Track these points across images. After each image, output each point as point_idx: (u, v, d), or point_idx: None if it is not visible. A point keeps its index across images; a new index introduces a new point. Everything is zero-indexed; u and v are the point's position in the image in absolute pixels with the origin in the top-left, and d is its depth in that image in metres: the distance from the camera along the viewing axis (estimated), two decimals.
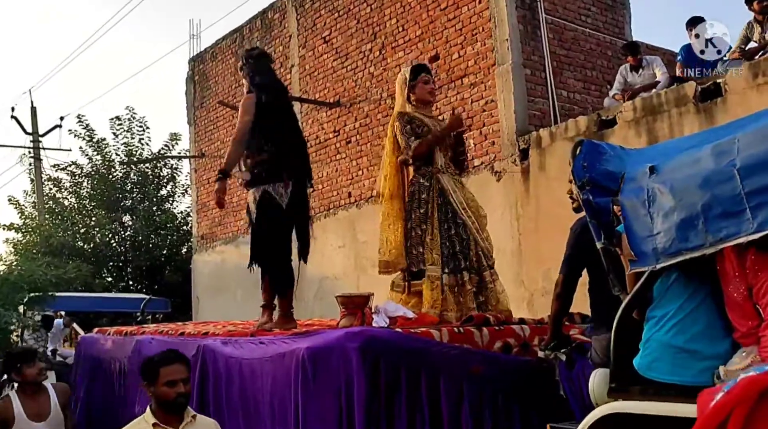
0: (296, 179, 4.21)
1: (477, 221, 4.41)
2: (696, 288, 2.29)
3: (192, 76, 12.82)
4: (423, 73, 4.58)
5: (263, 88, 4.28)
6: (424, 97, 4.52)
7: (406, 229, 4.38)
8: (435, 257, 4.25)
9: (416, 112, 4.50)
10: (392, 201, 4.56)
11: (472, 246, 4.33)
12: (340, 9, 9.73)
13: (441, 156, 4.45)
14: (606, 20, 8.60)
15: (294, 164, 4.23)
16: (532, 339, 3.73)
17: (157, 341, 4.89)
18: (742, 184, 2.09)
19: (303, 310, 9.42)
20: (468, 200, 4.44)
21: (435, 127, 4.49)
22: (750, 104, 5.55)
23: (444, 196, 4.33)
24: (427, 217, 4.31)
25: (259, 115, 4.17)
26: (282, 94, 4.50)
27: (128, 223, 16.60)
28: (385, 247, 4.52)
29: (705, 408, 1.86)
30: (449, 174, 4.44)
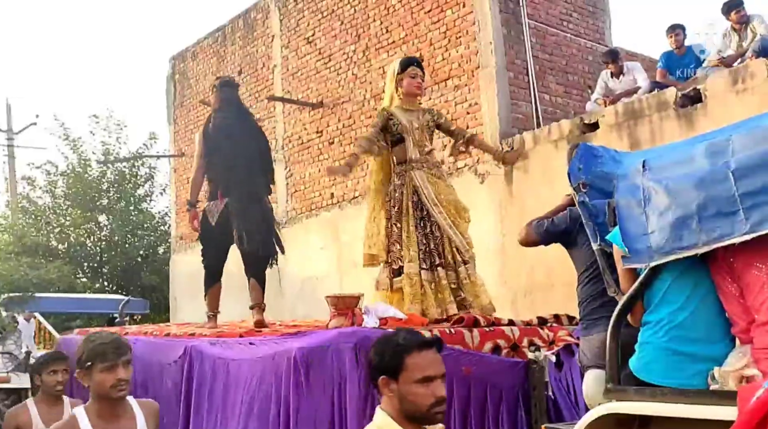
0: (233, 197, 4.79)
1: (452, 216, 4.38)
2: (691, 292, 2.32)
3: (172, 75, 12.70)
4: (412, 66, 4.57)
5: (213, 116, 5.02)
6: (410, 91, 4.53)
7: (387, 226, 4.45)
8: (412, 254, 4.30)
9: (402, 105, 4.53)
10: (376, 195, 4.63)
11: (446, 243, 4.33)
12: (323, 10, 9.72)
13: (415, 152, 4.44)
14: (587, 26, 8.72)
15: (230, 183, 4.82)
16: (521, 340, 3.77)
17: (141, 342, 4.84)
18: (736, 185, 2.13)
19: (284, 311, 9.39)
20: (441, 195, 4.40)
21: (412, 123, 4.49)
22: (730, 110, 5.68)
23: (417, 194, 4.36)
24: (401, 215, 4.36)
25: (205, 144, 4.92)
26: (235, 117, 5.04)
27: (104, 223, 16.39)
28: (369, 240, 4.57)
29: (745, 404, 1.90)
30: (425, 169, 4.43)
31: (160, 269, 14.90)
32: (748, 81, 5.68)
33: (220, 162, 4.87)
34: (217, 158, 4.88)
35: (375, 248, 4.51)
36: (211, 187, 4.97)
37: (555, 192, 6.55)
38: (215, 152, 4.88)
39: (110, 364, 2.42)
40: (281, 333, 3.86)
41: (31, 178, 16.87)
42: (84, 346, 2.50)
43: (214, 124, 4.97)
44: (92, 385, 2.48)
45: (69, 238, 16.00)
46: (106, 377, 2.42)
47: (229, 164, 4.84)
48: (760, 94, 5.57)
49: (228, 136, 4.87)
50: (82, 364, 2.46)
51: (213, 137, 4.92)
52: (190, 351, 4.08)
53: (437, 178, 4.48)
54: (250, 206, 4.86)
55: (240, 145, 4.89)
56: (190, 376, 4.01)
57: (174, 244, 12.62)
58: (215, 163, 4.91)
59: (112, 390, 2.45)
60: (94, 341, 2.50)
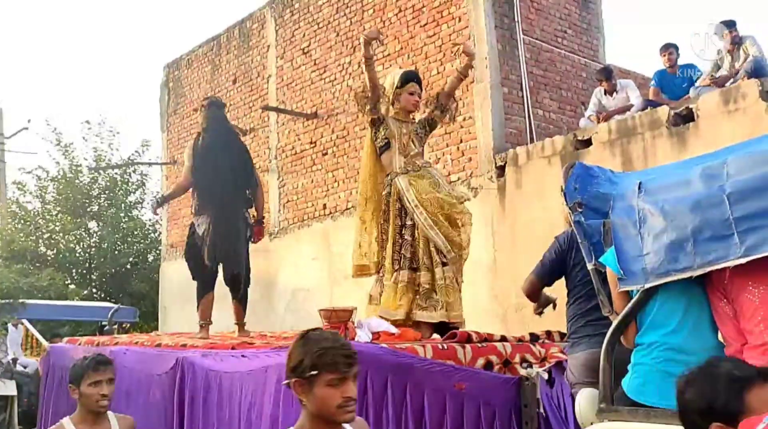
0: (220, 212, 5.01)
1: (433, 216, 4.26)
2: (684, 314, 2.33)
3: (166, 83, 12.69)
4: (412, 82, 4.56)
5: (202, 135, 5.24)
6: (407, 107, 4.53)
7: (379, 238, 4.47)
8: (387, 263, 4.32)
9: (396, 116, 4.53)
10: (367, 205, 4.62)
11: (422, 244, 4.25)
12: (319, 21, 9.76)
13: (400, 159, 4.43)
14: (581, 43, 8.80)
15: (217, 199, 5.03)
16: (513, 356, 3.77)
17: (131, 352, 4.81)
18: (731, 208, 2.16)
19: (275, 322, 9.36)
20: (422, 194, 4.29)
21: (401, 130, 4.47)
22: (721, 130, 5.74)
23: (400, 200, 4.34)
24: (388, 225, 4.37)
25: (195, 159, 5.13)
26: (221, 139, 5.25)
27: (94, 230, 16.29)
28: (359, 250, 4.57)
29: None
30: (409, 173, 4.38)
31: (149, 277, 14.81)
32: (740, 101, 5.74)
33: (206, 181, 5.09)
34: (204, 177, 5.10)
35: (366, 259, 4.51)
36: (199, 203, 5.11)
37: (547, 207, 6.62)
38: (202, 171, 5.10)
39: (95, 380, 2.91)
40: (274, 346, 3.85)
41: (21, 183, 16.78)
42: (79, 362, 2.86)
43: (202, 143, 5.20)
44: (80, 398, 2.96)
45: (58, 244, 15.89)
46: (92, 391, 2.92)
47: (213, 183, 5.06)
48: (751, 114, 5.63)
49: (214, 156, 5.13)
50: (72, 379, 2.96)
51: (201, 155, 5.15)
52: (182, 362, 4.06)
53: (421, 178, 4.38)
54: (231, 225, 5.09)
55: (225, 165, 5.12)
56: (182, 387, 3.98)
57: (164, 251, 12.57)
58: (201, 182, 5.15)
59: (96, 404, 2.92)
60: (85, 359, 2.90)
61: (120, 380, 4.69)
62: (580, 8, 8.86)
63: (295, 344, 1.95)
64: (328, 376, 1.85)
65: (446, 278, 4.26)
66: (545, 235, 3.50)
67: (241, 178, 5.22)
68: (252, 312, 5.86)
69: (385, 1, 8.84)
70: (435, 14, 8.21)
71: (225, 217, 5.04)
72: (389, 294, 4.28)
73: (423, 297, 4.23)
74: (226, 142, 5.26)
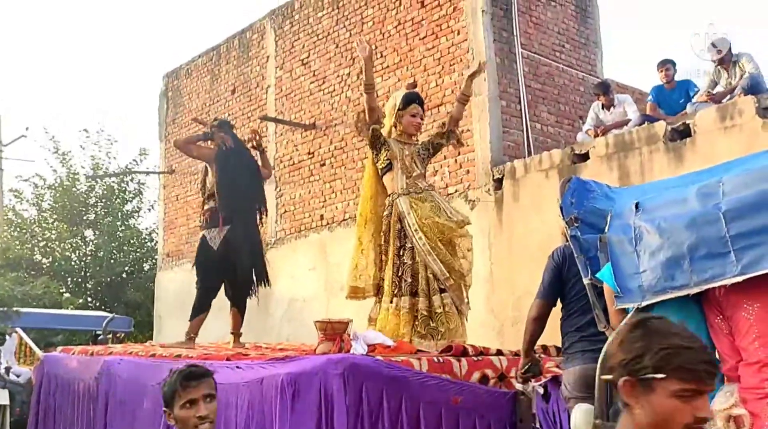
0: (233, 224, 5.03)
1: (432, 241, 4.20)
2: None
3: (165, 92, 12.72)
4: (414, 104, 4.54)
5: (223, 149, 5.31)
6: (408, 129, 4.51)
7: (378, 260, 4.42)
8: (386, 286, 4.28)
9: (398, 137, 4.52)
10: (366, 226, 4.58)
11: (420, 270, 4.20)
12: (319, 33, 9.81)
13: (402, 179, 4.40)
14: (579, 57, 8.85)
15: (230, 212, 5.07)
16: (509, 371, 3.77)
17: (125, 362, 4.79)
18: (727, 227, 2.17)
19: (270, 332, 9.33)
20: (423, 219, 4.23)
21: (403, 151, 4.46)
22: (718, 145, 5.76)
23: (401, 221, 4.31)
24: (388, 246, 4.33)
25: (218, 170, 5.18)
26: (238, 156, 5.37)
27: (90, 238, 16.26)
28: (355, 271, 4.52)
29: None
30: (411, 195, 4.35)
31: (145, 286, 14.76)
32: (737, 117, 5.77)
33: (225, 193, 5.13)
34: (226, 191, 5.14)
35: (360, 281, 4.45)
36: (212, 215, 5.12)
37: (544, 220, 6.62)
38: (223, 185, 5.13)
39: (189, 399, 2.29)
40: (268, 357, 3.83)
41: (18, 191, 16.76)
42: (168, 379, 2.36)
43: (225, 159, 5.26)
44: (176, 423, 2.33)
45: (54, 252, 15.84)
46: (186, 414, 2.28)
47: (233, 196, 5.12)
48: (748, 130, 5.66)
49: (235, 170, 5.24)
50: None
51: (223, 169, 5.21)
52: None
53: (422, 201, 4.34)
54: (247, 237, 5.16)
55: (244, 180, 5.22)
56: None
57: (160, 261, 12.54)
58: (224, 195, 5.17)
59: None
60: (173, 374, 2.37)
61: (114, 390, 4.69)
62: (578, 23, 8.92)
63: (628, 332, 1.49)
64: (678, 385, 1.39)
65: (445, 305, 4.20)
66: (542, 248, 3.51)
67: (255, 195, 5.38)
68: (248, 322, 5.85)
69: (384, 14, 8.89)
70: (434, 27, 8.26)
71: (247, 231, 5.15)
72: (386, 318, 4.25)
73: (421, 324, 4.19)
74: (245, 162, 5.40)
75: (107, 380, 4.77)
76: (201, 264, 5.18)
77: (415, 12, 8.48)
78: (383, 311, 4.27)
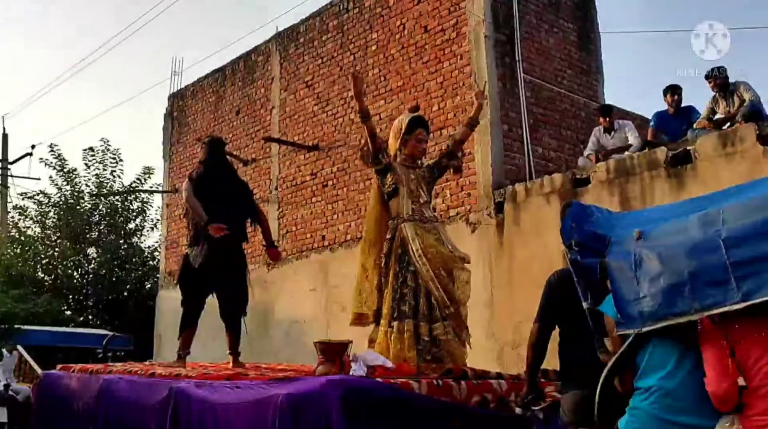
0: (212, 243, 4.99)
1: (436, 269, 4.22)
2: (679, 360, 2.33)
3: (171, 112, 12.83)
4: (420, 128, 4.55)
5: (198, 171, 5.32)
6: (413, 153, 4.52)
7: (378, 284, 4.43)
8: (386, 310, 4.28)
9: (403, 162, 4.54)
10: (370, 252, 4.58)
11: (422, 295, 4.21)
12: (323, 56, 9.91)
13: (408, 204, 4.40)
14: (581, 83, 8.93)
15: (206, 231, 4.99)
16: (508, 394, 3.76)
17: (125, 381, 4.78)
18: (727, 254, 2.18)
19: (270, 353, 9.30)
20: (428, 248, 4.25)
21: (409, 175, 4.46)
22: (718, 172, 5.80)
23: (404, 246, 4.30)
24: (389, 270, 4.33)
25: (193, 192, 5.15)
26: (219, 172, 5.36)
27: (93, 256, 16.26)
28: (360, 297, 4.51)
29: None
30: (416, 222, 4.35)
31: (146, 304, 14.73)
32: (738, 144, 5.81)
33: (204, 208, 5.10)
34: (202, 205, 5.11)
35: (365, 307, 4.45)
36: (194, 233, 5.18)
37: (545, 244, 6.64)
38: (200, 199, 5.12)
39: None
40: (268, 378, 3.83)
41: (22, 208, 16.80)
42: None
43: (199, 175, 5.28)
44: None
45: (56, 269, 15.85)
46: None
47: (213, 212, 5.06)
48: (749, 157, 5.69)
49: (210, 188, 5.20)
50: None
51: (198, 187, 5.20)
52: (175, 393, 4.03)
53: (427, 231, 4.35)
54: (230, 254, 5.14)
55: (223, 196, 5.18)
56: (175, 418, 3.95)
57: (162, 280, 12.55)
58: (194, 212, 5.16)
59: None
60: None
61: (114, 409, 4.67)
62: (579, 49, 9.01)
63: None
64: None
65: (447, 333, 4.22)
66: (543, 272, 3.51)
67: (237, 211, 5.28)
68: (248, 343, 5.85)
69: (388, 38, 8.99)
70: (437, 52, 8.35)
71: (220, 248, 5.04)
72: (385, 340, 4.24)
73: (425, 350, 4.18)
74: (222, 176, 5.37)
75: (107, 399, 4.75)
76: (182, 281, 5.29)
77: (419, 36, 8.58)
78: (381, 334, 4.26)
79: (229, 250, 5.14)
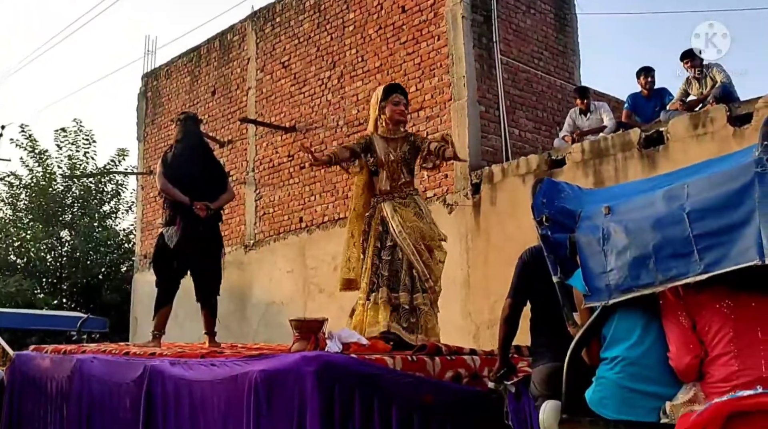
0: (188, 221, 4.99)
1: (416, 244, 4.32)
2: (644, 331, 2.38)
3: (145, 92, 12.66)
4: (395, 93, 4.57)
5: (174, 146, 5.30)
6: (393, 117, 4.51)
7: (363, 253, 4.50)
8: (363, 283, 4.37)
9: (385, 133, 4.55)
10: (357, 221, 4.65)
11: (404, 267, 4.30)
12: (300, 36, 9.83)
13: (387, 184, 4.45)
14: (557, 65, 8.97)
15: (187, 209, 5.01)
16: (482, 370, 3.80)
17: (99, 360, 4.76)
18: (690, 227, 2.22)
19: (248, 334, 9.31)
20: (407, 222, 4.34)
21: (389, 156, 4.48)
22: (690, 152, 5.88)
23: (384, 224, 4.38)
24: (368, 246, 4.41)
25: (165, 172, 5.13)
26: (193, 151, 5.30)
27: (66, 239, 16.07)
28: (348, 264, 4.59)
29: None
30: (395, 199, 4.42)
31: (121, 288, 14.63)
32: (709, 125, 5.90)
33: (180, 188, 5.07)
34: (177, 185, 5.08)
35: (353, 273, 4.54)
36: (170, 213, 5.13)
37: (521, 225, 6.69)
38: (175, 180, 5.08)
39: None
40: (243, 355, 3.84)
41: None
42: None
43: (174, 153, 5.24)
44: None
45: (29, 252, 15.64)
46: None
47: (188, 192, 5.05)
48: (719, 138, 5.78)
49: (186, 167, 5.16)
50: None
51: (172, 166, 5.16)
52: (150, 371, 4.03)
53: (406, 206, 4.43)
54: (206, 235, 5.12)
55: (195, 177, 5.13)
56: (149, 396, 3.94)
57: (137, 262, 12.45)
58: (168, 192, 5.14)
59: None
60: None
61: (88, 389, 4.65)
62: (556, 31, 9.04)
63: None
64: None
65: (425, 304, 4.31)
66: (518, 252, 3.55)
67: (212, 190, 5.24)
68: (225, 324, 5.87)
69: (365, 18, 8.94)
70: (415, 32, 8.32)
71: (197, 228, 5.04)
72: (362, 312, 4.32)
73: (403, 317, 4.25)
74: (197, 155, 5.32)
75: (80, 379, 4.73)
76: (156, 261, 5.26)
77: (396, 17, 8.54)
78: (359, 306, 4.32)
79: (206, 230, 5.12)
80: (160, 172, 5.18)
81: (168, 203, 5.18)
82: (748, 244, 2.08)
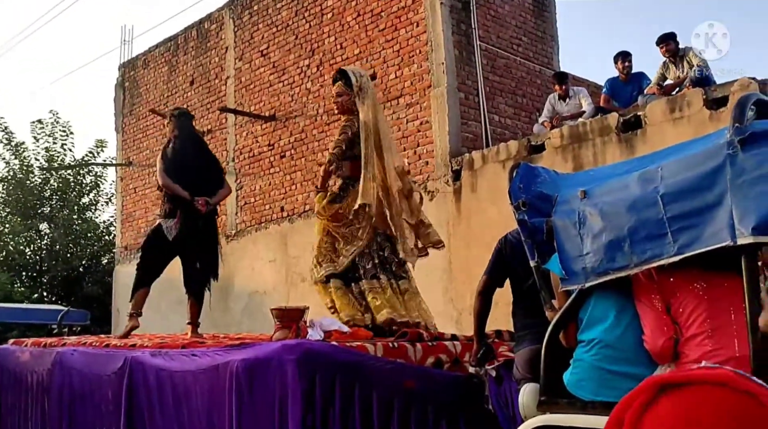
0: (188, 215, 5.02)
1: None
2: (619, 313, 2.41)
3: (122, 83, 12.50)
4: (334, 85, 4.73)
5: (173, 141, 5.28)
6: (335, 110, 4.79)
7: None
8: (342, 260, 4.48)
9: None
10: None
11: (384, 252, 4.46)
12: (278, 24, 9.75)
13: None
14: (536, 50, 8.98)
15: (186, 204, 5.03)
16: (463, 355, 3.83)
17: (79, 353, 4.73)
18: (664, 209, 2.25)
19: (230, 325, 9.29)
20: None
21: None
22: (667, 136, 5.93)
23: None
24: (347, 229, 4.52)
25: (166, 163, 5.16)
26: (191, 147, 5.33)
27: (45, 232, 15.89)
28: None
29: None
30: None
31: (102, 280, 14.51)
32: (685, 109, 5.95)
33: (180, 183, 5.10)
34: (177, 181, 5.11)
35: None
36: (170, 206, 5.13)
37: (502, 210, 6.72)
38: (175, 175, 5.11)
39: None
40: (224, 344, 3.83)
41: None
42: None
43: (173, 149, 5.27)
44: None
45: (7, 246, 15.45)
46: None
47: (188, 187, 5.08)
48: (695, 121, 5.84)
49: (185, 162, 5.19)
50: None
51: (173, 162, 5.19)
52: (131, 363, 4.01)
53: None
54: (205, 227, 5.16)
55: (195, 172, 5.18)
56: (131, 387, 3.93)
57: (118, 254, 12.35)
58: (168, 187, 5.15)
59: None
60: None
61: (69, 381, 4.63)
62: (535, 17, 9.05)
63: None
64: None
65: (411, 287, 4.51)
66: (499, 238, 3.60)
67: (210, 186, 5.29)
68: (207, 315, 5.83)
69: (344, 5, 8.89)
70: (393, 19, 8.29)
71: (197, 221, 5.08)
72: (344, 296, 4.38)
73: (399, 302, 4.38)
74: (195, 151, 5.38)
75: (61, 371, 4.70)
76: (148, 247, 5.25)
77: (375, 3, 8.50)
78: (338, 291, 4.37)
79: (204, 222, 5.18)
80: (161, 168, 5.21)
81: (168, 196, 5.21)
82: (720, 226, 2.11)
